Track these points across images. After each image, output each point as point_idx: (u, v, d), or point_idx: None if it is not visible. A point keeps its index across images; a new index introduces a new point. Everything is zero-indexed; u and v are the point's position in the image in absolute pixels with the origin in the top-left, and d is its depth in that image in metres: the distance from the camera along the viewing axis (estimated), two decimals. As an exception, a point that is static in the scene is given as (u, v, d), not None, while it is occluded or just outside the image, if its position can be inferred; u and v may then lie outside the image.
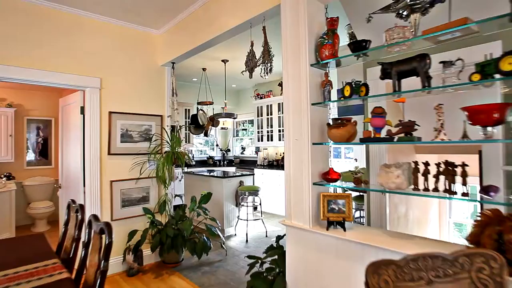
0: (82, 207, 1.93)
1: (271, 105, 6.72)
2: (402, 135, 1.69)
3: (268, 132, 6.81)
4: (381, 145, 2.84)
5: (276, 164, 6.81)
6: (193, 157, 7.46)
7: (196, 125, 5.57)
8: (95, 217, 1.67)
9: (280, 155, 6.80)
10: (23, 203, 5.18)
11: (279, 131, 6.53)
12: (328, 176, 2.02)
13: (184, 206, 3.86)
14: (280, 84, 6.51)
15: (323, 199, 2.02)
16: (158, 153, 3.69)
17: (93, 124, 3.28)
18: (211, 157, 7.85)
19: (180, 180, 6.49)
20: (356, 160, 5.49)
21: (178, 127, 3.79)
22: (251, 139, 8.07)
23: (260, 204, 4.74)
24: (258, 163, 7.22)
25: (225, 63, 5.28)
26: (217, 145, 8.20)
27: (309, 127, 2.05)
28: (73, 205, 2.06)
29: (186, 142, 7.17)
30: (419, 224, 4.10)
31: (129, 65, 3.58)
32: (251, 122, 7.96)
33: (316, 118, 2.12)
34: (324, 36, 2.05)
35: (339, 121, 2.00)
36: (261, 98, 6.95)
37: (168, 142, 3.71)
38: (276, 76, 6.60)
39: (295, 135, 2.16)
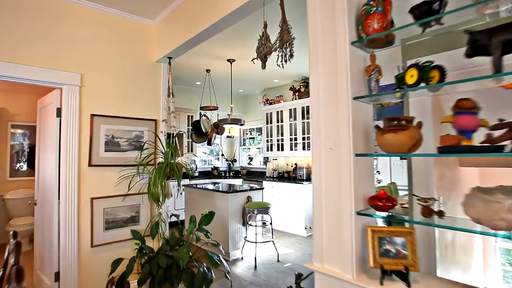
0: (17, 246, 1.32)
1: (281, 111, 6.12)
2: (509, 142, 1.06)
3: (278, 141, 6.18)
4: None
5: (287, 176, 6.16)
6: (196, 167, 6.86)
7: (199, 133, 4.99)
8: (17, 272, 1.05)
9: (292, 166, 6.15)
10: (4, 218, 4.62)
11: (291, 139, 5.91)
12: (379, 202, 1.38)
13: (181, 227, 3.23)
14: (292, 89, 5.92)
15: (372, 236, 1.37)
16: (150, 164, 3.09)
17: (71, 129, 2.71)
18: (215, 168, 7.24)
19: (181, 193, 5.89)
20: (378, 172, 4.81)
21: (175, 134, 3.20)
22: (259, 148, 7.46)
23: (271, 223, 4.08)
24: (267, 174, 6.58)
25: (231, 63, 4.71)
26: (222, 155, 7.60)
27: (350, 131, 1.43)
28: (11, 240, 1.45)
29: (188, 151, 6.59)
30: (465, 250, 3.40)
31: (118, 60, 3.03)
32: (259, 130, 7.36)
33: (359, 118, 1.49)
34: (371, 3, 1.45)
35: (396, 122, 1.37)
36: (270, 103, 6.36)
37: (162, 152, 3.11)
38: (287, 80, 6.02)
39: (329, 143, 1.54)
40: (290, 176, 6.10)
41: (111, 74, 2.97)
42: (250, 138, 7.68)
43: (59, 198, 2.67)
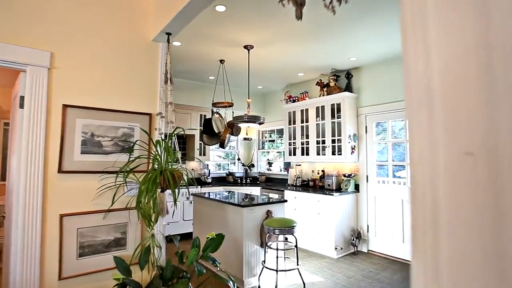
0: None
1: (306, 110, 5.31)
2: None
3: (302, 144, 5.37)
4: None
5: (313, 185, 5.32)
6: (209, 173, 6.15)
7: (211, 133, 4.27)
8: None
9: (318, 173, 5.31)
10: (-9, 228, 4.07)
11: (318, 142, 5.08)
12: None
13: (181, 253, 2.50)
14: (319, 83, 5.10)
15: None
16: (141, 171, 2.38)
17: (35, 124, 2.05)
18: (231, 174, 6.51)
19: (191, 202, 5.20)
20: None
21: (173, 132, 2.48)
22: (279, 152, 6.67)
23: (296, 246, 3.27)
24: (289, 182, 5.77)
25: (248, 51, 3.98)
26: (238, 159, 6.86)
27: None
28: None
29: (200, 154, 5.91)
30: None
31: (102, 35, 2.35)
32: (280, 132, 6.58)
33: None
34: None
35: None
36: (293, 101, 5.56)
37: (159, 157, 2.39)
38: (314, 73, 5.21)
39: (463, 142, 0.72)
40: (316, 185, 5.26)
41: (92, 54, 2.30)
42: (269, 140, 6.90)
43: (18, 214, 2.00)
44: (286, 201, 3.67)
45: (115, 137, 2.35)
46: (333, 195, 4.33)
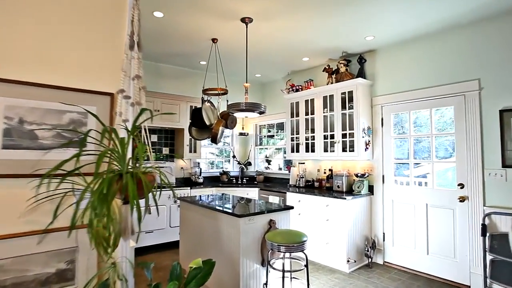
0: None
1: (312, 100, 4.64)
2: None
3: (307, 139, 4.70)
4: None
5: (319, 185, 4.66)
6: (200, 172, 5.45)
7: (201, 126, 3.57)
8: None
9: (325, 172, 4.65)
10: None
11: (326, 137, 4.41)
12: None
13: (156, 286, 1.81)
14: (327, 69, 4.44)
15: None
16: (91, 173, 1.67)
17: None
18: (225, 173, 5.81)
19: (178, 206, 4.51)
20: (461, 186, 3.26)
21: (140, 116, 1.78)
22: (278, 149, 5.99)
23: (306, 265, 2.60)
24: (291, 183, 5.10)
25: (246, 25, 3.28)
26: (233, 157, 6.17)
27: None
28: None
29: (191, 151, 5.21)
30: None
31: (37, -22, 1.63)
32: (280, 126, 5.90)
33: None
34: None
35: None
36: (297, 90, 4.88)
37: (116, 154, 1.67)
38: (320, 58, 4.53)
39: None
40: (323, 185, 4.60)
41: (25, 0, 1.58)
42: (268, 136, 6.22)
43: None
44: (292, 208, 3.00)
45: (59, 125, 1.64)
46: (345, 198, 3.68)
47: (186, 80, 5.15)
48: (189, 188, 4.79)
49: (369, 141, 4.04)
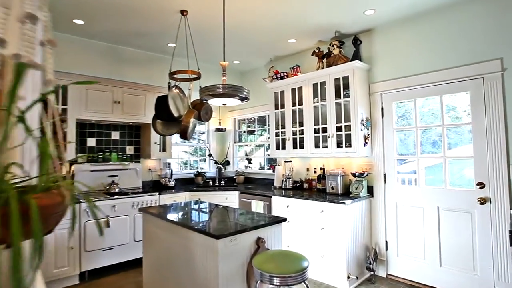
0: None
1: (299, 89, 4.02)
2: None
3: (294, 133, 4.08)
4: None
5: (308, 187, 4.06)
6: (171, 174, 4.70)
7: (167, 118, 2.84)
8: None
9: (316, 171, 4.05)
10: None
11: (316, 131, 3.81)
12: None
13: None
14: (317, 53, 3.85)
15: None
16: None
17: None
18: (200, 174, 5.09)
19: (108, 226, 3.74)
20: (481, 186, 2.76)
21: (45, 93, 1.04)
22: (260, 145, 5.34)
23: (306, 298, 1.97)
24: (275, 184, 4.47)
25: (223, -11, 2.58)
26: (209, 155, 5.44)
27: None
28: None
29: (160, 150, 4.45)
30: None
31: None
32: (262, 121, 5.25)
33: None
34: None
35: None
36: (281, 78, 4.24)
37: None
38: (309, 39, 3.92)
39: None
40: (313, 186, 4.01)
41: None
42: (248, 131, 5.55)
43: None
44: (284, 220, 2.36)
45: None
46: (344, 203, 3.09)
47: (152, 66, 4.36)
48: (157, 193, 4.03)
49: (368, 135, 3.48)
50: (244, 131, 5.58)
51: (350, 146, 3.44)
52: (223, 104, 2.40)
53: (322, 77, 3.72)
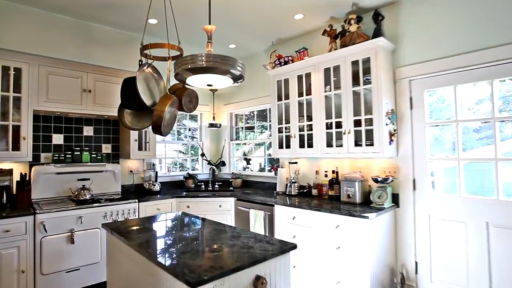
0: None
1: (307, 75, 3.34)
2: None
3: (301, 129, 3.41)
4: None
5: (317, 193, 3.39)
6: (156, 177, 4.02)
7: (137, 106, 2.16)
8: None
9: (326, 175, 3.37)
10: None
11: (328, 126, 3.13)
12: None
13: None
14: (329, 32, 3.17)
15: None
16: None
17: None
18: (191, 176, 4.41)
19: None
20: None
21: None
22: (259, 144, 4.67)
23: None
24: (278, 189, 3.79)
25: None
26: (202, 155, 4.77)
27: None
28: None
29: (140, 149, 3.79)
30: None
31: None
32: (262, 115, 4.56)
33: None
34: None
35: None
36: (285, 63, 3.56)
37: None
38: (319, 16, 3.24)
39: None
40: (323, 193, 3.33)
41: None
42: (247, 128, 4.87)
43: None
44: (294, 247, 1.69)
45: None
46: (367, 217, 2.42)
47: (130, 48, 3.67)
48: (136, 201, 3.36)
49: (394, 130, 2.81)
50: (242, 128, 4.90)
51: (372, 144, 2.76)
52: (208, 86, 1.72)
53: (336, 60, 3.04)
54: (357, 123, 2.89)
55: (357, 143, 2.89)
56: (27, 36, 2.89)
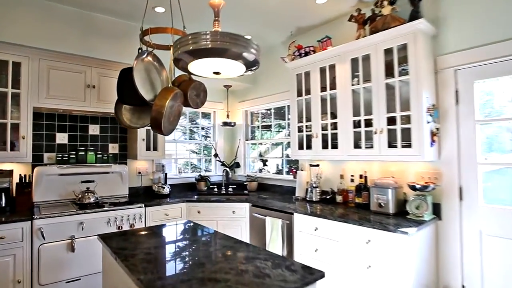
0: None
1: (331, 67, 2.96)
2: None
3: (324, 128, 3.04)
4: None
5: (343, 200, 3.00)
6: (165, 179, 3.77)
7: (137, 102, 1.87)
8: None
9: (353, 180, 2.98)
10: None
11: (356, 124, 2.74)
12: None
13: None
14: (357, 16, 2.77)
15: None
16: None
17: None
18: (203, 178, 4.13)
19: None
20: None
21: None
22: (277, 144, 4.32)
23: None
24: (297, 194, 3.43)
25: None
26: (215, 156, 4.47)
27: None
28: None
29: (148, 149, 3.53)
30: None
31: None
32: (280, 113, 4.21)
33: None
34: None
35: None
36: (306, 54, 3.20)
37: None
38: (345, 3, 2.85)
39: None
40: (349, 200, 2.94)
41: None
42: (263, 126, 4.54)
43: None
44: (322, 276, 1.33)
45: None
46: (406, 232, 2.02)
47: (136, 40, 3.41)
48: (143, 205, 3.10)
49: (437, 129, 2.39)
50: (258, 127, 4.57)
51: (409, 146, 2.36)
52: (215, 74, 1.40)
53: (365, 49, 2.64)
54: (391, 121, 2.49)
55: (391, 144, 2.48)
56: (26, 28, 2.68)
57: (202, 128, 4.66)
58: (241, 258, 1.51)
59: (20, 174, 2.85)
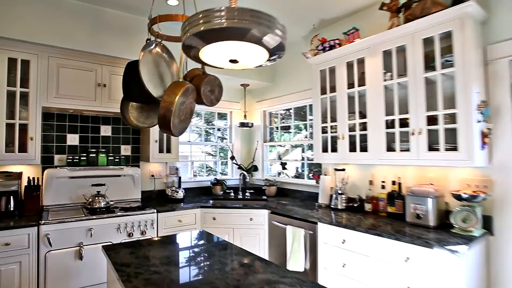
0: None
1: (360, 62, 2.67)
2: None
3: (351, 129, 2.74)
4: None
5: (372, 209, 2.69)
6: (179, 182, 3.58)
7: (142, 98, 1.67)
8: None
9: (383, 186, 2.67)
10: None
11: (389, 125, 2.44)
12: None
13: None
14: (388, 5, 2.47)
15: None
16: None
17: None
18: (219, 182, 3.92)
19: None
20: None
21: None
22: (297, 146, 4.05)
23: None
24: (320, 201, 3.15)
25: None
26: (232, 158, 4.26)
27: None
28: None
29: (161, 151, 3.35)
30: None
31: None
32: (301, 114, 3.94)
33: None
34: None
35: None
36: (331, 48, 2.92)
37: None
38: (380, -20, 2.54)
39: None
40: (380, 209, 2.63)
41: None
42: (282, 127, 4.28)
43: None
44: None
45: None
46: (455, 251, 1.71)
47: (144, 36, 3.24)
48: (155, 211, 2.91)
49: (489, 130, 2.05)
50: (277, 128, 4.32)
51: (455, 149, 2.04)
52: (231, 62, 1.16)
53: (400, 39, 2.34)
54: (432, 120, 2.17)
55: (432, 147, 2.17)
56: (34, 24, 2.56)
57: (218, 129, 4.46)
58: (260, 282, 1.26)
59: (28, 177, 2.72)
